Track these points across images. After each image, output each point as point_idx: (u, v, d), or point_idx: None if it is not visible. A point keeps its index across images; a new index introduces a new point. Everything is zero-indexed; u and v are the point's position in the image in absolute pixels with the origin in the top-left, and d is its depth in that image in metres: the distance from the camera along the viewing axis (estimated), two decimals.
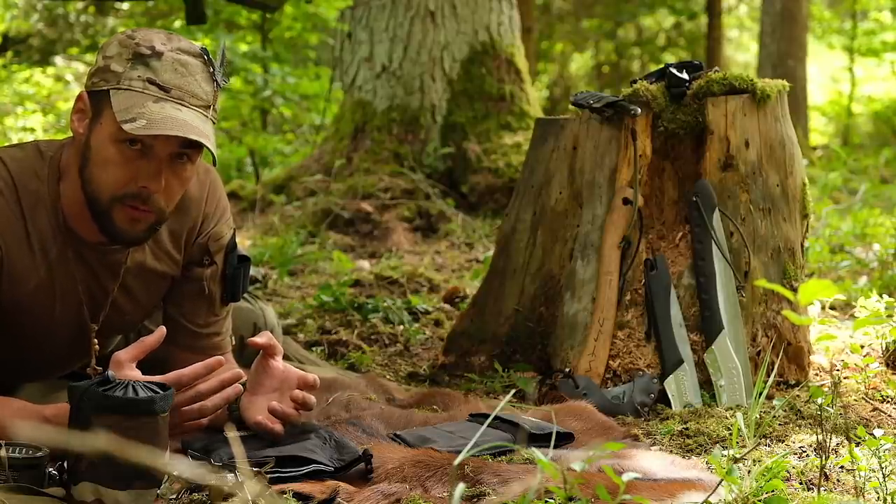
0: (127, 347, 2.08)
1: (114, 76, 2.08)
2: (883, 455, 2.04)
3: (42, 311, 2.21)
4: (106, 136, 2.08)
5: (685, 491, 1.98)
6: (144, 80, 2.06)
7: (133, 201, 2.09)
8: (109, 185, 2.09)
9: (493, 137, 6.00)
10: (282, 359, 2.28)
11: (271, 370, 2.25)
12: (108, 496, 1.82)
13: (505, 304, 3.08)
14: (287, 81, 8.51)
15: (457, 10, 6.09)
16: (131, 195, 2.09)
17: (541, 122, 3.14)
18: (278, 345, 2.27)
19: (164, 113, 2.04)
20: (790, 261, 2.95)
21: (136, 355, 2.06)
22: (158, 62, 2.07)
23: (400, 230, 5.50)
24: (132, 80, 2.06)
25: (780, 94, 2.96)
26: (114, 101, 2.05)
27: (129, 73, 2.07)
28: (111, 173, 2.08)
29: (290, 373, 2.25)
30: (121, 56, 2.08)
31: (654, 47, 17.01)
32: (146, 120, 2.02)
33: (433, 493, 1.99)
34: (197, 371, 2.09)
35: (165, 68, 2.07)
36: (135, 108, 2.04)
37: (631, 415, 2.71)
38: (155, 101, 2.05)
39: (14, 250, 2.14)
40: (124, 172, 2.08)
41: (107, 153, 2.08)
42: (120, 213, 2.11)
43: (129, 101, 2.05)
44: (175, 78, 2.08)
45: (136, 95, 2.05)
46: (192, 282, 2.36)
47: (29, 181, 2.15)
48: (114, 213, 2.10)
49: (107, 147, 2.08)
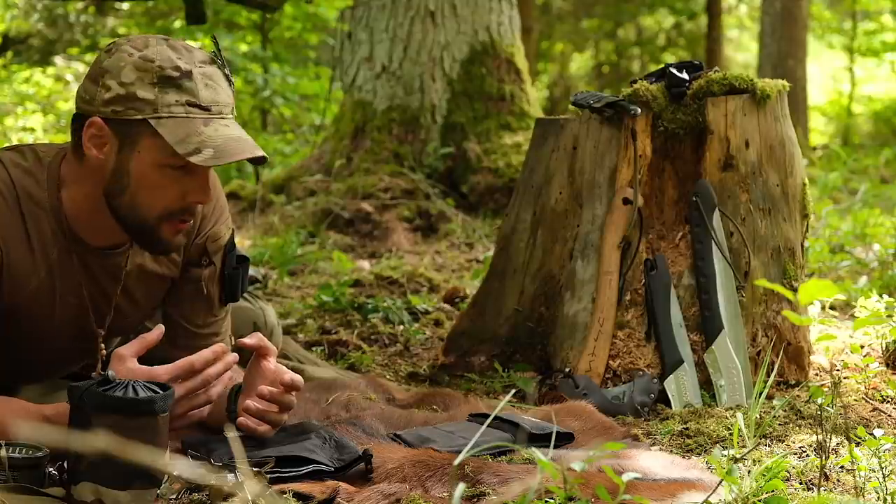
0: (128, 343, 2.08)
1: (146, 104, 2.04)
2: (883, 455, 2.04)
3: (42, 312, 2.21)
4: (150, 163, 2.07)
5: (685, 491, 1.98)
6: (185, 105, 2.05)
7: (182, 215, 2.13)
8: (158, 206, 2.10)
9: (493, 137, 6.00)
10: (275, 359, 2.27)
11: (263, 371, 2.24)
12: (108, 496, 1.83)
13: (505, 304, 3.08)
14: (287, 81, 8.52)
15: (457, 10, 6.09)
16: (181, 211, 2.12)
17: (541, 122, 3.14)
18: (270, 345, 2.25)
19: (221, 135, 2.05)
20: (790, 261, 2.95)
21: (138, 351, 2.07)
22: (190, 82, 2.06)
23: (400, 230, 5.50)
24: (172, 106, 2.04)
25: (780, 94, 2.96)
26: (162, 131, 2.03)
27: (164, 99, 2.04)
28: (161, 196, 2.10)
29: (281, 373, 2.24)
30: (143, 81, 2.04)
31: (654, 47, 17.01)
32: (212, 149, 2.03)
33: (433, 493, 2.00)
34: (206, 357, 2.10)
35: (199, 87, 2.06)
36: (193, 138, 2.03)
37: (631, 415, 2.71)
38: (204, 123, 2.05)
39: (15, 252, 2.14)
40: (174, 192, 2.10)
41: (153, 179, 2.08)
42: (168, 229, 2.13)
43: (182, 129, 2.04)
44: (209, 94, 2.07)
45: (184, 122, 2.04)
46: (191, 282, 2.36)
47: (29, 186, 2.15)
48: (162, 229, 2.13)
49: (152, 173, 2.08)
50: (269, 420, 2.20)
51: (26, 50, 12.22)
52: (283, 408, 2.21)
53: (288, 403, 2.21)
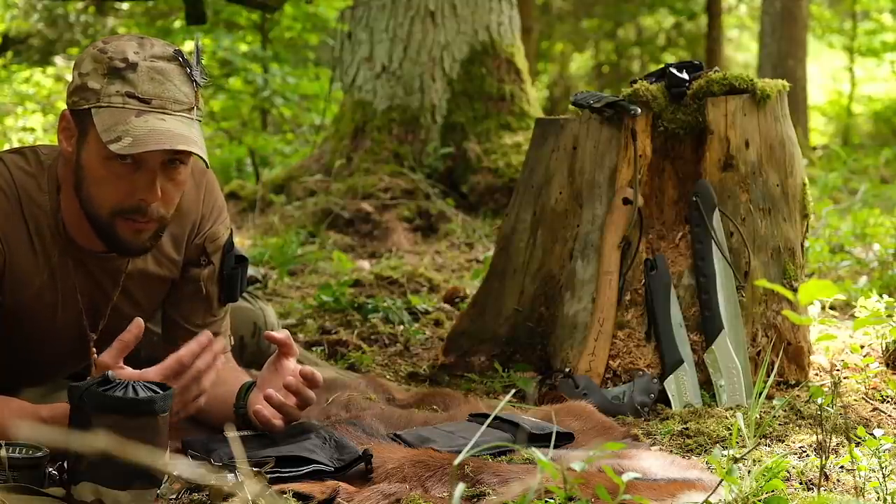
0: (108, 349, 2.04)
1: (93, 94, 2.06)
2: (883, 455, 2.04)
3: (44, 314, 2.21)
4: (94, 155, 2.07)
5: (685, 491, 1.98)
6: (123, 95, 2.05)
7: (133, 214, 2.09)
8: (107, 201, 2.09)
9: (493, 137, 6.00)
10: (296, 361, 2.26)
11: (283, 369, 2.23)
12: (108, 496, 1.82)
13: (505, 304, 3.08)
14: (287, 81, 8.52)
15: (457, 10, 6.09)
16: (130, 209, 2.09)
17: (541, 122, 3.14)
18: (294, 345, 2.25)
19: (148, 126, 2.02)
20: (790, 261, 2.95)
21: (119, 354, 2.03)
22: (134, 74, 2.05)
23: (400, 230, 5.50)
24: (111, 97, 2.05)
25: (780, 94, 2.96)
26: (96, 120, 2.04)
27: (107, 89, 2.05)
28: (107, 191, 2.08)
29: (303, 369, 2.23)
30: (96, 72, 2.07)
31: (654, 47, 17.01)
32: (131, 137, 2.01)
33: (433, 493, 1.99)
34: (193, 350, 2.06)
35: (142, 79, 2.05)
36: (118, 126, 2.02)
37: (631, 415, 2.71)
38: (137, 114, 2.03)
39: (17, 253, 2.14)
40: (120, 188, 2.08)
41: (99, 172, 2.08)
42: (123, 227, 2.11)
43: (112, 118, 2.03)
44: (153, 87, 2.06)
45: (118, 112, 2.04)
46: (190, 282, 2.36)
47: (31, 189, 2.16)
48: (116, 227, 2.11)
49: (98, 165, 2.07)
50: (287, 413, 2.18)
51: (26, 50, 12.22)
52: (303, 402, 2.20)
53: (308, 398, 2.20)
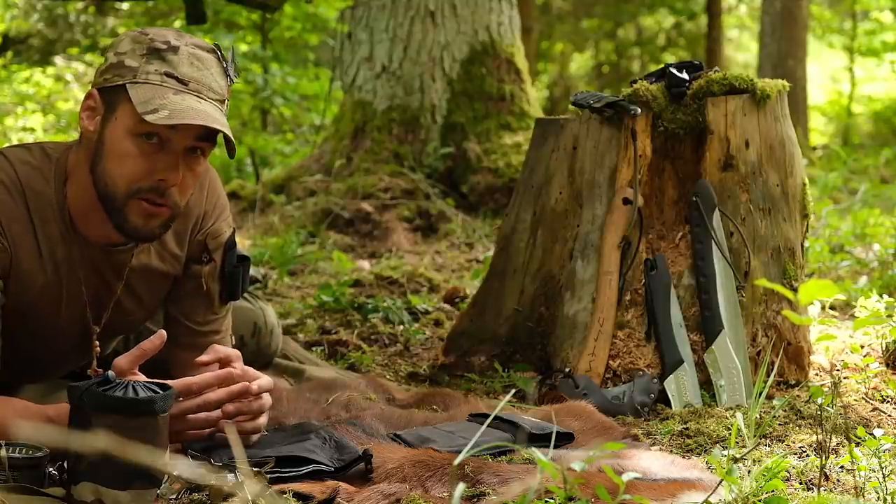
0: (126, 354, 2.06)
1: (129, 71, 2.08)
2: (883, 455, 2.04)
3: (48, 311, 2.22)
4: (122, 130, 2.08)
5: (685, 491, 1.98)
6: (162, 74, 2.07)
7: (150, 195, 2.10)
8: (126, 178, 2.08)
9: (493, 137, 6.00)
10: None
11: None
12: (108, 496, 1.83)
13: (505, 304, 3.08)
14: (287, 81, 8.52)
15: (457, 10, 6.09)
16: (148, 189, 2.09)
17: (541, 122, 3.14)
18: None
19: (185, 104, 2.05)
20: (790, 261, 2.95)
21: (136, 361, 2.05)
22: (175, 56, 2.09)
23: (400, 230, 5.50)
24: (150, 74, 2.07)
25: (780, 94, 2.96)
26: (132, 94, 2.06)
27: (145, 67, 2.08)
28: (128, 167, 2.08)
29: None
30: (134, 52, 2.09)
31: (654, 47, 17.01)
32: (168, 110, 2.03)
33: (433, 493, 2.00)
34: (207, 381, 2.08)
35: (182, 62, 2.09)
36: (156, 100, 2.04)
37: (631, 415, 2.71)
38: (175, 93, 2.06)
39: (22, 250, 2.14)
40: (142, 165, 2.08)
41: (123, 147, 2.08)
42: (136, 209, 2.10)
43: (150, 93, 2.06)
44: (192, 71, 2.09)
45: (156, 88, 2.06)
46: (191, 279, 2.36)
47: (36, 183, 2.16)
48: (129, 208, 2.10)
49: (123, 141, 2.08)
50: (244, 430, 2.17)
51: (26, 50, 12.21)
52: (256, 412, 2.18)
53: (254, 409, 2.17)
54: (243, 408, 2.14)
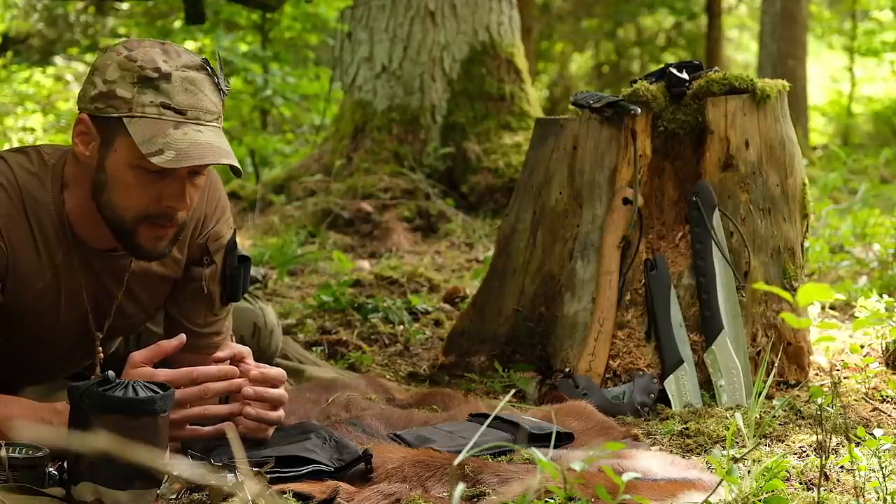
0: (144, 349, 2.07)
1: (123, 103, 2.04)
2: (883, 455, 2.04)
3: (47, 313, 2.22)
4: (123, 162, 2.06)
5: (685, 491, 1.99)
6: (158, 106, 2.03)
7: (158, 220, 2.10)
8: (133, 208, 2.08)
9: (493, 137, 6.00)
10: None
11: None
12: (108, 496, 1.83)
13: (505, 304, 3.08)
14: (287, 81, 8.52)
15: (457, 10, 6.09)
16: (156, 215, 2.09)
17: (541, 122, 3.14)
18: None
19: (188, 139, 2.02)
20: (790, 261, 2.95)
21: (152, 358, 2.07)
22: (168, 84, 2.04)
23: (400, 230, 5.50)
24: (145, 107, 2.03)
25: (780, 94, 2.96)
26: (131, 129, 2.02)
27: (139, 99, 2.03)
28: (134, 198, 2.07)
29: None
30: (124, 80, 2.04)
31: (654, 47, 17.01)
32: (174, 151, 2.00)
33: (433, 493, 2.00)
34: (209, 373, 2.09)
35: (176, 90, 2.04)
36: (158, 139, 2.01)
37: (631, 415, 2.71)
38: (174, 126, 2.02)
39: (20, 253, 2.14)
40: (147, 195, 2.07)
41: (127, 179, 2.06)
42: (145, 233, 2.11)
43: (149, 130, 2.02)
44: (188, 98, 2.04)
45: (154, 123, 2.02)
46: (192, 281, 2.36)
47: (34, 188, 2.15)
48: (138, 232, 2.10)
49: (126, 173, 2.06)
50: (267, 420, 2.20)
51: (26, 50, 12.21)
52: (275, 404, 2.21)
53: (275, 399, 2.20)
54: (264, 394, 2.16)
